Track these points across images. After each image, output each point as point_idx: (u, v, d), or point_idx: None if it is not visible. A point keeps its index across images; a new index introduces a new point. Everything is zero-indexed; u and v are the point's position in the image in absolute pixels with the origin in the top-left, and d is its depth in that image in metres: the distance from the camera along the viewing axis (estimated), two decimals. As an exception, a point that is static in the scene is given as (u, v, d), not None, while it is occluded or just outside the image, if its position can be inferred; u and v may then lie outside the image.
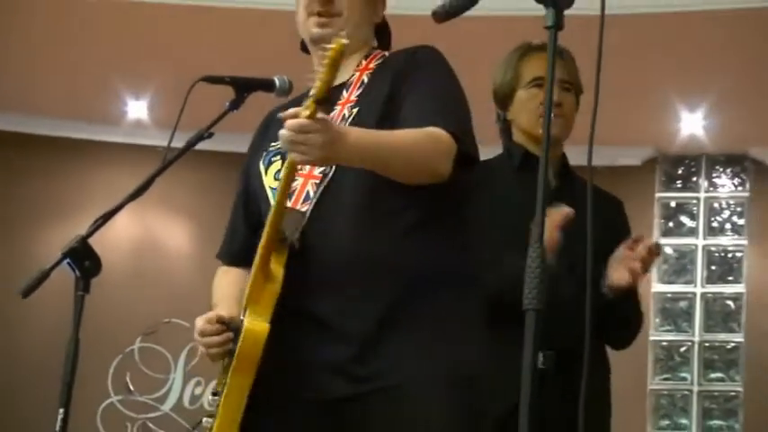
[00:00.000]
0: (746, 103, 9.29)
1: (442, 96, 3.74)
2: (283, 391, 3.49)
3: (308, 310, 3.50)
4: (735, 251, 10.32)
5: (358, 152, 3.40)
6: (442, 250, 3.59)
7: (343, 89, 3.84)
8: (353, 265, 3.47)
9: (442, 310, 3.55)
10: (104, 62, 9.24)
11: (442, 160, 3.49)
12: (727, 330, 10.21)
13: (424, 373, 3.43)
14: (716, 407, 10.10)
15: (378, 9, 4.00)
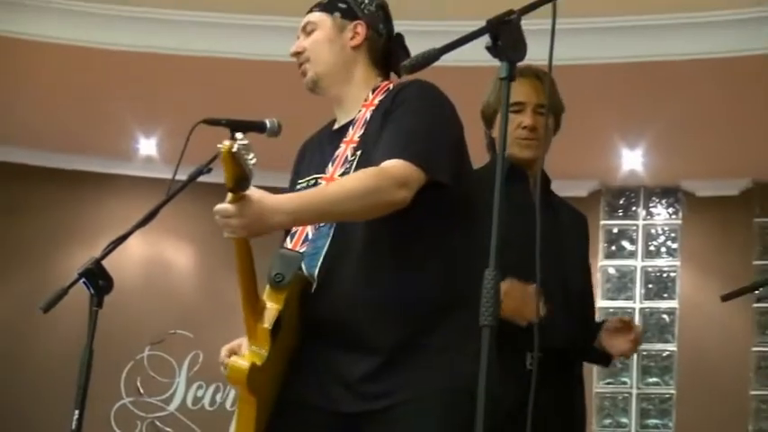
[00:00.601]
0: (678, 143, 9.33)
1: (411, 130, 3.64)
2: (303, 399, 3.51)
3: (326, 334, 3.53)
4: (669, 271, 10.34)
5: (291, 220, 3.41)
6: (442, 282, 3.55)
7: (350, 126, 3.79)
8: (362, 303, 3.48)
9: (445, 335, 3.51)
10: (120, 106, 9.24)
11: (395, 190, 3.43)
12: (662, 341, 10.23)
13: (425, 392, 3.42)
14: (652, 408, 10.12)
15: (345, 42, 3.87)
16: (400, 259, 3.50)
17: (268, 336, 3.38)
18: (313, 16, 3.88)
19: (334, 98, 3.90)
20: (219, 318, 8.63)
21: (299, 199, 3.47)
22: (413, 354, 3.47)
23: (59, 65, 8.64)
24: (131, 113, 9.30)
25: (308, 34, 3.87)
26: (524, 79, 4.34)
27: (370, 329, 3.46)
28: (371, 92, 3.84)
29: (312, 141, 4.04)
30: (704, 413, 9.59)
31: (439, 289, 3.55)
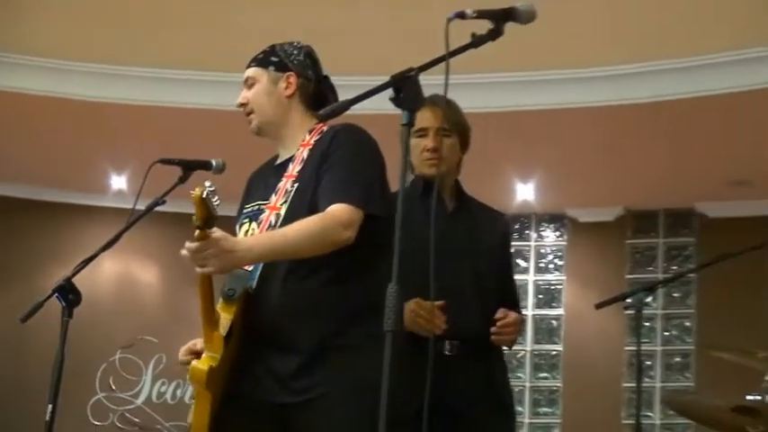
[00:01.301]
0: (563, 178, 9.44)
1: (348, 173, 3.67)
2: (245, 393, 3.60)
3: (263, 339, 3.60)
4: (556, 284, 10.42)
5: (254, 257, 3.50)
6: (354, 293, 3.59)
7: (290, 163, 3.81)
8: (287, 311, 3.54)
9: (356, 338, 3.56)
10: (95, 148, 9.35)
11: (341, 232, 3.51)
12: (550, 342, 10.31)
13: (342, 387, 3.50)
14: (542, 398, 10.16)
15: (279, 92, 3.89)
16: (319, 276, 3.55)
17: (222, 342, 3.46)
18: (251, 71, 3.93)
19: (276, 139, 3.93)
20: (180, 325, 8.64)
21: (260, 240, 3.54)
22: (329, 354, 3.53)
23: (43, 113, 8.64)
24: (104, 154, 9.35)
25: (249, 87, 3.91)
26: (425, 108, 4.24)
27: (294, 333, 3.53)
28: (308, 133, 3.86)
29: (258, 173, 4.04)
30: (585, 403, 9.72)
31: (352, 301, 3.60)
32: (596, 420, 9.32)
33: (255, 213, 3.76)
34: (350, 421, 3.47)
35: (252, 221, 3.74)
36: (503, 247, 4.61)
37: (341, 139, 3.75)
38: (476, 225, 4.46)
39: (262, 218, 3.68)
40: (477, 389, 4.23)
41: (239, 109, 3.94)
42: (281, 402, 3.53)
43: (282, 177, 3.77)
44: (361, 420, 3.35)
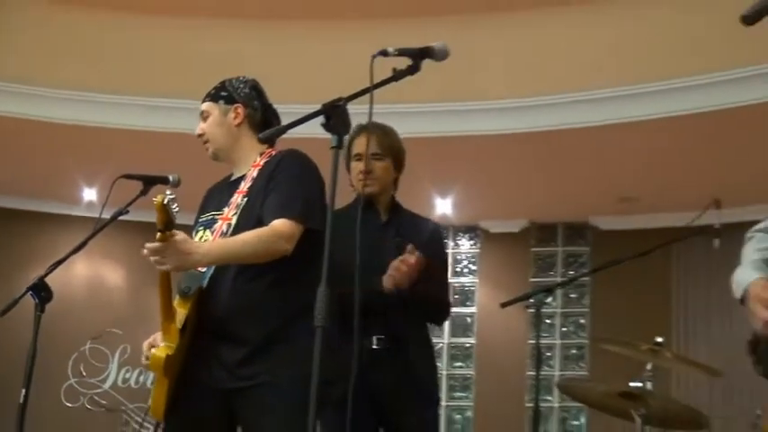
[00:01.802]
0: (477, 195, 9.40)
1: (291, 192, 3.76)
2: (197, 379, 3.64)
3: (213, 331, 3.66)
4: (470, 286, 10.42)
5: (209, 260, 3.58)
6: (293, 294, 3.66)
7: (242, 180, 3.89)
8: (235, 309, 3.63)
9: (294, 333, 3.65)
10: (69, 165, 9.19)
11: (282, 244, 3.63)
12: (465, 336, 10.31)
13: (281, 375, 3.60)
14: (458, 384, 10.16)
15: (229, 122, 3.96)
16: (263, 279, 3.63)
17: (178, 333, 3.53)
18: (205, 105, 4.01)
19: (229, 162, 4.03)
20: (142, 320, 8.58)
21: (214, 246, 3.60)
22: (271, 347, 3.63)
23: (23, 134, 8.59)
24: (77, 170, 9.27)
25: (204, 120, 3.97)
26: (362, 135, 4.37)
27: (241, 328, 3.61)
28: (259, 155, 3.92)
29: (214, 188, 4.08)
30: (494, 389, 9.78)
31: (291, 301, 3.67)
32: (503, 404, 9.33)
33: (209, 222, 3.81)
34: (289, 405, 3.51)
35: (206, 229, 3.79)
36: (430, 242, 4.49)
37: (286, 163, 3.84)
38: (404, 232, 4.42)
39: (215, 227, 3.74)
40: (399, 378, 4.23)
41: (194, 132, 3.99)
42: (228, 388, 3.59)
43: (234, 193, 3.82)
44: (299, 404, 3.30)
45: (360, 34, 7.10)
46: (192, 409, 3.63)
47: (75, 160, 9.03)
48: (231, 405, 3.64)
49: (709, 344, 8.80)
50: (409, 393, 4.27)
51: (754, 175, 7.43)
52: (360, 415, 3.94)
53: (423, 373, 4.43)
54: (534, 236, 10.37)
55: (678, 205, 7.40)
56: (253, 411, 3.61)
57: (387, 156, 4.43)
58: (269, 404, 3.56)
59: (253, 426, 3.65)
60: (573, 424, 9.74)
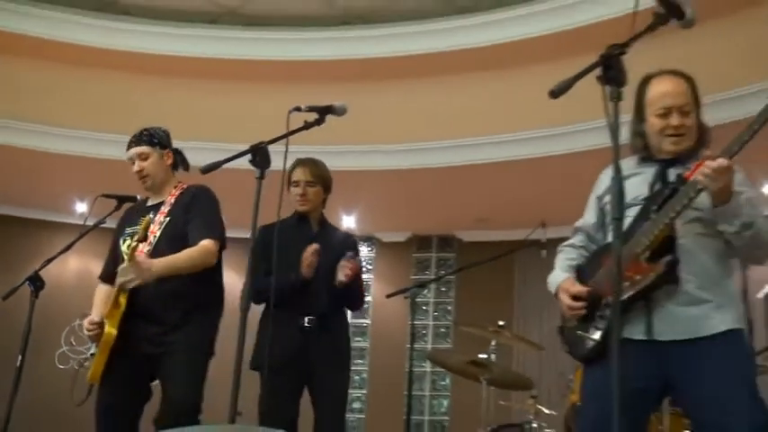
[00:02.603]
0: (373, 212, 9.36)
1: (211, 219, 3.97)
2: (129, 347, 3.76)
3: (143, 314, 3.81)
4: (367, 281, 10.20)
5: (159, 274, 3.69)
6: (203, 290, 3.88)
7: (161, 205, 4.02)
8: (160, 296, 3.78)
9: (202, 317, 3.92)
10: (66, 185, 9.07)
11: (209, 258, 3.86)
12: (363, 318, 10.27)
13: (189, 344, 3.85)
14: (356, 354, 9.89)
15: (164, 162, 4.08)
16: (181, 279, 3.78)
17: (120, 317, 3.68)
18: (144, 149, 4.08)
19: (155, 192, 4.12)
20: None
21: (164, 262, 3.69)
22: (184, 325, 3.84)
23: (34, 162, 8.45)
24: (73, 187, 9.07)
25: (143, 159, 4.02)
26: (298, 167, 4.43)
27: (162, 312, 3.82)
28: (174, 187, 4.09)
29: (133, 208, 4.16)
30: (383, 358, 9.73)
31: (201, 294, 3.91)
32: (389, 369, 9.20)
33: (134, 233, 3.83)
34: (192, 360, 3.79)
35: (131, 238, 3.80)
36: (354, 251, 4.50)
37: (203, 196, 4.03)
38: (330, 240, 4.41)
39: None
40: (325, 351, 4.25)
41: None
42: (150, 353, 3.77)
43: (158, 213, 3.94)
44: (200, 360, 3.81)
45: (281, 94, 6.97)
46: (121, 371, 3.73)
47: (70, 182, 8.85)
48: (151, 366, 3.78)
49: (540, 328, 8.85)
50: (330, 360, 4.27)
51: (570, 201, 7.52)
52: (292, 376, 4.14)
53: (340, 345, 4.41)
54: (415, 245, 10.35)
55: (517, 224, 7.48)
56: (166, 367, 3.75)
57: (318, 183, 4.43)
58: (178, 361, 3.73)
59: (166, 376, 3.75)
60: (440, 384, 9.77)
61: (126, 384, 3.80)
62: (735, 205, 2.66)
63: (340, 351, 4.40)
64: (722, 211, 2.67)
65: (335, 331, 4.38)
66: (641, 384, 2.70)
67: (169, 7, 8.10)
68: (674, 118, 2.86)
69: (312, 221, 4.44)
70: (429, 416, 9.69)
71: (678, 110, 2.86)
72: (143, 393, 3.87)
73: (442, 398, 9.71)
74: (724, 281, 2.82)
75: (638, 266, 2.75)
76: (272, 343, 4.09)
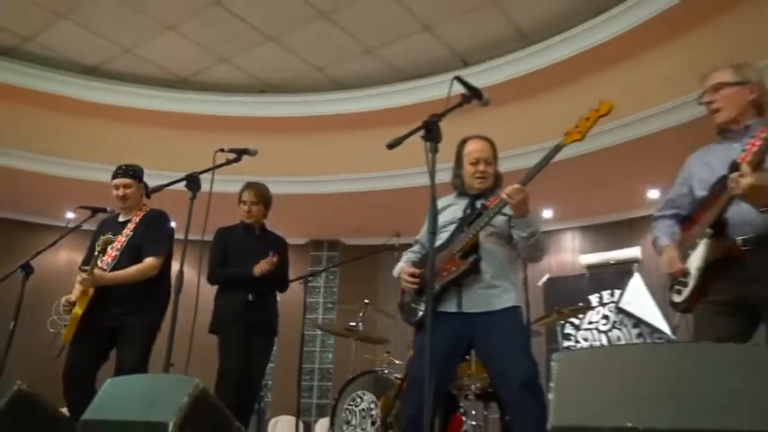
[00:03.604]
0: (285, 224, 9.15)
1: (157, 238, 3.85)
2: (96, 321, 3.69)
3: (109, 298, 3.73)
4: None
5: (110, 283, 3.65)
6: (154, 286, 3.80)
7: (129, 222, 3.93)
8: (122, 287, 3.72)
9: (152, 303, 3.83)
10: (58, 198, 8.49)
11: (150, 272, 3.77)
12: (273, 297, 9.98)
13: (142, 324, 3.77)
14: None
15: (140, 191, 4.00)
16: None
17: (87, 302, 3.61)
18: (128, 181, 4.06)
19: (129, 210, 4.03)
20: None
21: (111, 277, 3.67)
22: (139, 309, 3.75)
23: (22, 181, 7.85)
24: (64, 200, 8.46)
25: (126, 188, 3.94)
26: (246, 190, 4.43)
27: (123, 297, 3.72)
28: (140, 209, 3.99)
29: (107, 220, 4.04)
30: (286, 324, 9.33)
31: (154, 286, 3.83)
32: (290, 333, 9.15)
33: (106, 241, 3.78)
34: (142, 333, 3.71)
35: (99, 246, 3.74)
36: (283, 250, 4.52)
37: (159, 218, 3.95)
38: (268, 243, 4.39)
39: (113, 244, 3.79)
40: (261, 318, 4.27)
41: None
42: (111, 326, 3.69)
43: (125, 228, 3.87)
44: (147, 339, 3.71)
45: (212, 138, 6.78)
46: (88, 338, 3.66)
47: (64, 197, 8.32)
48: (111, 336, 3.69)
49: (394, 304, 8.87)
50: (265, 327, 4.29)
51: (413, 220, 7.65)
52: (240, 333, 4.14)
53: (272, 316, 4.41)
54: (311, 246, 10.19)
55: (381, 234, 7.49)
56: (123, 339, 3.66)
57: (260, 202, 4.42)
58: (132, 335, 3.66)
59: (122, 346, 3.66)
60: (327, 343, 9.64)
61: (89, 348, 3.71)
62: (528, 218, 2.76)
63: (272, 320, 4.39)
64: (520, 221, 2.76)
65: (270, 305, 4.37)
66: (453, 342, 2.76)
67: (135, 74, 7.87)
68: (481, 165, 2.95)
69: (255, 229, 4.44)
70: (318, 365, 9.58)
71: (484, 161, 2.96)
72: (102, 356, 3.75)
73: (328, 352, 9.62)
74: (510, 273, 2.91)
75: (454, 262, 2.82)
76: (227, 311, 4.16)
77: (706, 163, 2.52)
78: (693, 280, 2.33)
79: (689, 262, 2.39)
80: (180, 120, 7.90)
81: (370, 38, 7.01)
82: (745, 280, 2.26)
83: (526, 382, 2.58)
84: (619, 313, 7.91)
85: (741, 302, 2.27)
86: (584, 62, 6.51)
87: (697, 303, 2.36)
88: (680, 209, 2.65)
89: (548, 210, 8.41)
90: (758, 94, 2.51)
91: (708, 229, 2.31)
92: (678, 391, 1.24)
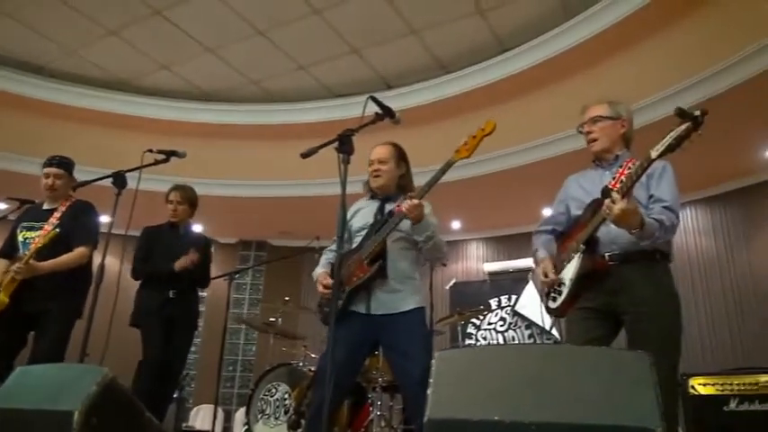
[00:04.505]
0: (214, 224, 8.91)
1: (85, 228, 3.66)
2: (20, 307, 3.47)
3: (33, 286, 3.50)
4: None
5: (45, 272, 3.47)
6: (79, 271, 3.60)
7: (55, 211, 3.70)
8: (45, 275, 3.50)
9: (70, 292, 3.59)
10: None
11: (81, 261, 3.59)
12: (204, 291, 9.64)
13: (61, 310, 3.54)
14: (196, 315, 9.53)
15: (70, 184, 3.79)
16: None
17: (13, 289, 3.41)
18: (61, 171, 3.76)
19: (55, 200, 3.77)
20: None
21: (48, 264, 3.47)
22: (61, 295, 3.54)
23: None
24: None
25: (57, 178, 3.74)
26: (173, 191, 4.26)
27: (46, 284, 3.50)
28: (66, 200, 3.76)
29: (32, 208, 3.79)
30: (215, 318, 9.12)
31: (76, 275, 3.61)
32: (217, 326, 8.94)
33: (30, 227, 3.57)
34: (62, 318, 3.50)
35: (28, 231, 3.54)
36: (206, 248, 4.38)
37: (87, 210, 3.74)
38: (189, 240, 4.24)
39: (38, 231, 3.54)
40: (181, 312, 4.10)
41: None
42: (36, 310, 3.48)
43: (50, 216, 3.63)
44: (66, 324, 3.50)
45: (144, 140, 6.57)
46: (11, 322, 3.46)
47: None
48: (32, 321, 3.50)
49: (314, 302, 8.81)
50: (185, 321, 4.13)
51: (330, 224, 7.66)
52: (159, 331, 3.96)
53: (192, 310, 4.25)
54: (240, 246, 9.93)
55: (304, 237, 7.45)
56: (45, 321, 3.46)
57: (185, 203, 4.27)
58: (53, 317, 3.46)
59: (42, 329, 3.47)
60: (251, 336, 9.43)
61: (9, 335, 3.44)
62: (424, 224, 2.78)
63: (192, 315, 4.23)
64: (417, 227, 2.78)
65: (190, 301, 4.23)
66: (359, 339, 2.75)
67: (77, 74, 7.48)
68: (375, 165, 2.98)
69: (180, 228, 4.27)
70: (242, 357, 9.37)
71: (378, 161, 2.98)
72: (22, 340, 3.50)
73: (252, 345, 9.42)
74: (413, 278, 2.92)
75: (363, 268, 2.81)
76: (149, 305, 4.00)
77: (581, 186, 2.66)
78: (567, 289, 2.43)
79: (564, 273, 2.49)
80: (115, 120, 7.56)
81: (303, 56, 6.96)
82: (610, 291, 2.38)
83: (424, 377, 2.59)
84: (514, 316, 8.14)
85: (606, 310, 2.39)
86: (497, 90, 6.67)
87: (569, 309, 2.46)
88: (557, 225, 2.75)
89: (456, 221, 8.57)
90: (627, 128, 2.65)
91: (581, 245, 2.41)
92: (542, 388, 1.27)
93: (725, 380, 3.04)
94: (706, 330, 6.64)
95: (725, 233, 6.76)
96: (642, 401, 1.22)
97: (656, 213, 2.32)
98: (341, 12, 6.16)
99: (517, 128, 6.52)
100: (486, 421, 1.23)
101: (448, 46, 6.72)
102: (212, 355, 8.52)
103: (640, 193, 2.40)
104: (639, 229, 2.22)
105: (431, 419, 1.28)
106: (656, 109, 5.28)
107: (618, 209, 2.17)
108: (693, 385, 3.22)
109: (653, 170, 2.40)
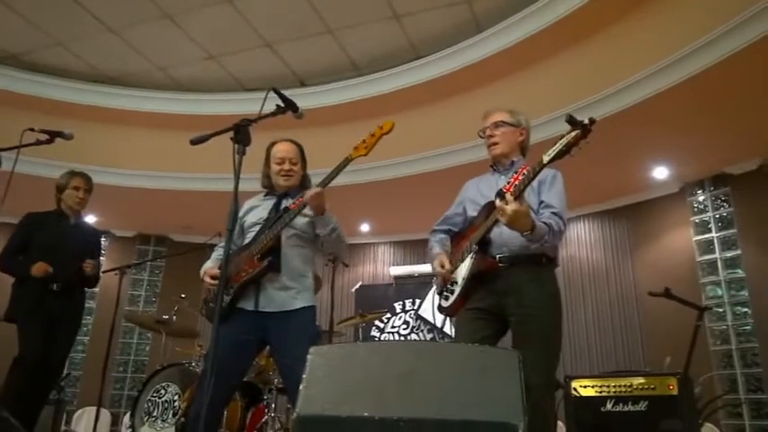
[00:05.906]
0: (114, 213, 8.47)
1: None
2: None
3: None
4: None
5: None
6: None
7: None
8: None
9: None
10: None
11: None
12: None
13: None
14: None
15: None
16: None
17: None
18: None
19: None
20: None
21: None
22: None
23: None
24: None
25: None
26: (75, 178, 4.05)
27: None
28: None
29: None
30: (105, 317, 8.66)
31: None
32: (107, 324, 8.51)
33: None
34: None
35: None
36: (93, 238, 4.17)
37: None
38: (82, 233, 4.08)
39: None
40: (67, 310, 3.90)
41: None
42: None
43: None
44: None
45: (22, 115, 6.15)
46: None
47: None
48: None
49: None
50: (68, 318, 3.93)
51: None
52: (39, 328, 3.73)
53: (77, 307, 4.04)
54: (138, 240, 9.44)
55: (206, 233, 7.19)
56: None
57: (90, 191, 4.09)
58: None
59: None
60: (145, 335, 8.96)
61: None
62: (327, 217, 2.76)
63: (75, 309, 4.04)
64: (321, 219, 2.76)
65: (73, 295, 4.00)
66: (249, 337, 2.69)
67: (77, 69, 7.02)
68: (286, 164, 2.93)
69: (71, 217, 4.07)
70: (134, 356, 8.94)
71: (289, 160, 2.95)
72: None
73: (146, 344, 9.01)
74: (307, 274, 2.89)
75: (252, 263, 2.75)
76: (28, 299, 3.73)
77: (479, 189, 2.75)
78: (459, 287, 2.50)
79: (457, 272, 2.56)
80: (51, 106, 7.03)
81: (213, 46, 6.75)
82: (499, 293, 2.47)
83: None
84: (417, 319, 8.27)
85: (494, 311, 2.47)
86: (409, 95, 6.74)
87: (460, 309, 2.52)
88: (453, 226, 2.83)
89: (365, 224, 8.60)
90: (525, 138, 2.77)
91: (474, 245, 2.48)
92: (412, 385, 1.27)
93: (603, 382, 3.24)
94: (593, 336, 7.04)
95: (613, 246, 7.23)
96: (507, 398, 1.24)
97: (545, 218, 2.44)
98: (255, 1, 6.04)
99: (428, 134, 6.64)
100: (354, 417, 1.23)
101: (363, 48, 6.74)
102: (101, 355, 8.11)
103: (532, 199, 2.50)
104: (530, 232, 2.29)
105: (300, 416, 1.26)
106: (557, 125, 5.52)
107: (510, 210, 2.25)
108: (575, 387, 3.39)
109: (544, 177, 2.52)
